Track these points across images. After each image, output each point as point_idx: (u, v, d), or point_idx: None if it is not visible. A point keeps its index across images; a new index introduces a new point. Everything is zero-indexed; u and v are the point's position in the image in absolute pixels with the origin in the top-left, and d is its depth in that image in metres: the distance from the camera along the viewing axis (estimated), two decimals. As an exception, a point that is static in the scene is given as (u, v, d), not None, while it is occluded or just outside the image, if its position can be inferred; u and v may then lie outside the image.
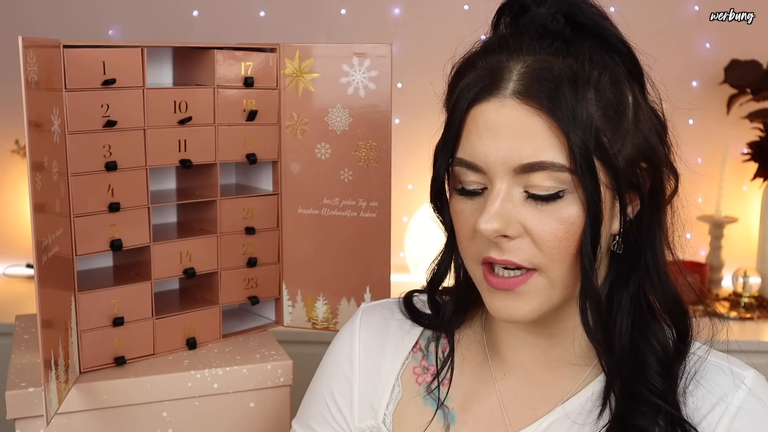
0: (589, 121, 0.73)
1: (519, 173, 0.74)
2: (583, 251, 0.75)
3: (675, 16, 2.22)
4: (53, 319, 0.96)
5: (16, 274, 2.25)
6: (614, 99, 0.75)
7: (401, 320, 0.93)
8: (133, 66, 1.08)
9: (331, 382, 0.93)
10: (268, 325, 1.29)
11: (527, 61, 0.75)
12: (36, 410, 1.02)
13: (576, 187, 0.73)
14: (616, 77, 0.77)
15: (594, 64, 0.75)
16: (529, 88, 0.73)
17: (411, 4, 2.24)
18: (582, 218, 0.74)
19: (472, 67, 0.78)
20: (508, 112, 0.73)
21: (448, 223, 0.83)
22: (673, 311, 0.81)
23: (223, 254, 1.20)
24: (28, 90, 0.87)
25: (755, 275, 2.14)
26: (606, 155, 0.74)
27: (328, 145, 1.21)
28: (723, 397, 0.78)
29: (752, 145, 2.19)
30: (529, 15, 0.78)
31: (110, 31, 2.22)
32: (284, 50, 1.21)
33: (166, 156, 1.13)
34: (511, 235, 0.75)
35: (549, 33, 0.77)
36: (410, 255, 2.22)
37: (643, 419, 0.77)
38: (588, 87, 0.74)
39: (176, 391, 1.10)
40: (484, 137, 0.74)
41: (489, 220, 0.74)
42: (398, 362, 0.91)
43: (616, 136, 0.75)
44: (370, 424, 0.90)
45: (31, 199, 0.88)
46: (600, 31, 0.78)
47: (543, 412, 0.83)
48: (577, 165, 0.72)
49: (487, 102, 0.75)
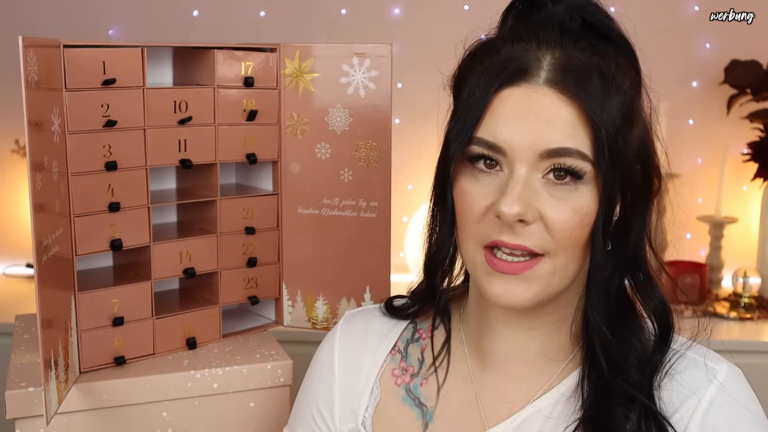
0: (614, 117, 0.74)
1: (543, 159, 0.75)
2: (594, 240, 0.76)
3: (675, 16, 2.22)
4: (53, 319, 0.96)
5: (16, 273, 2.25)
6: (630, 103, 0.77)
7: (380, 324, 0.94)
8: (133, 66, 1.08)
9: (315, 390, 0.95)
10: (268, 325, 1.29)
11: (556, 53, 0.77)
12: (36, 410, 1.02)
13: (595, 178, 0.75)
14: (633, 82, 0.79)
15: (619, 67, 0.77)
16: (564, 77, 0.75)
17: (411, 4, 2.24)
18: (595, 210, 0.76)
19: (495, 51, 0.79)
20: (540, 99, 0.75)
21: (451, 205, 0.81)
22: (658, 310, 0.82)
23: (223, 254, 1.20)
24: (28, 90, 0.87)
25: (755, 275, 2.14)
26: (620, 154, 0.75)
27: (328, 145, 1.21)
28: (695, 391, 0.79)
29: (752, 146, 2.19)
30: (545, 11, 0.80)
31: (110, 31, 2.22)
32: (284, 50, 1.21)
33: (166, 156, 1.13)
34: (528, 220, 0.75)
35: (567, 31, 0.78)
36: (410, 255, 2.22)
37: (616, 411, 0.78)
38: (614, 86, 0.76)
39: (176, 391, 1.10)
40: (511, 121, 0.75)
41: (512, 204, 0.74)
42: (377, 365, 0.92)
43: (627, 139, 0.77)
44: (351, 427, 0.91)
45: (31, 199, 0.88)
46: (611, 34, 0.79)
47: (519, 407, 0.84)
48: (600, 156, 0.74)
49: (518, 86, 0.75)
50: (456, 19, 2.14)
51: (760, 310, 2.09)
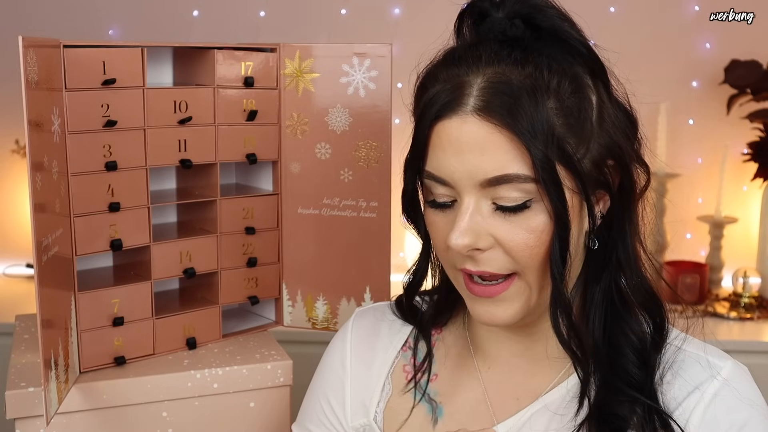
0: (551, 131, 0.74)
1: (485, 187, 0.75)
2: (552, 260, 0.76)
3: (675, 16, 2.22)
4: (53, 319, 0.96)
5: (16, 274, 2.25)
6: (576, 105, 0.76)
7: (392, 321, 0.96)
8: (133, 66, 1.08)
9: (326, 385, 0.95)
10: (268, 325, 1.29)
11: (487, 74, 0.76)
12: (36, 410, 1.02)
13: (542, 197, 0.75)
14: (577, 82, 0.77)
15: (553, 71, 0.76)
16: (489, 103, 0.74)
17: (411, 4, 2.24)
18: (551, 225, 0.76)
19: (435, 79, 0.79)
20: (470, 129, 0.75)
21: (423, 232, 0.85)
22: (648, 304, 0.82)
23: (223, 254, 1.20)
24: (28, 90, 0.87)
25: (755, 275, 2.14)
26: (570, 162, 0.75)
27: (328, 145, 1.21)
28: (698, 386, 0.79)
29: (752, 146, 2.19)
30: (488, 21, 0.79)
31: (110, 31, 2.22)
32: (284, 50, 1.21)
33: (166, 156, 1.13)
34: (483, 248, 0.76)
35: (508, 39, 0.77)
36: (410, 255, 2.22)
37: (621, 408, 0.78)
38: (548, 96, 0.74)
39: (176, 391, 1.10)
40: (449, 153, 0.76)
41: (459, 236, 0.76)
42: (388, 361, 0.93)
43: (579, 141, 0.76)
44: (362, 422, 0.91)
45: (31, 199, 0.89)
46: (559, 34, 0.78)
47: (526, 403, 0.85)
48: (541, 176, 0.73)
49: (449, 119, 0.76)
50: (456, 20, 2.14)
51: (760, 310, 2.09)
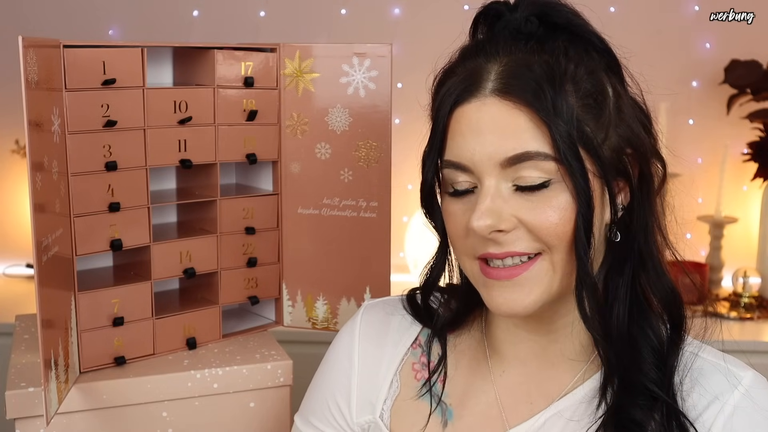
0: (570, 111, 0.74)
1: (506, 167, 0.75)
2: (576, 238, 0.76)
3: (675, 16, 2.22)
4: (53, 319, 0.96)
5: (16, 274, 2.25)
6: (593, 89, 0.77)
7: (402, 316, 0.94)
8: (133, 66, 1.08)
9: (331, 379, 0.94)
10: (268, 325, 1.29)
11: (504, 61, 0.77)
12: (36, 410, 1.02)
13: (563, 176, 0.75)
14: (593, 69, 0.78)
15: (569, 58, 0.77)
16: (508, 84, 0.75)
17: (411, 4, 2.24)
18: (573, 205, 0.75)
19: (452, 74, 0.81)
20: (489, 110, 0.75)
21: (440, 226, 0.84)
22: (668, 299, 0.81)
23: (223, 254, 1.20)
24: (28, 90, 0.87)
25: (755, 275, 2.14)
26: (590, 144, 0.75)
27: (328, 145, 1.21)
28: (719, 396, 0.78)
29: (752, 145, 2.19)
30: (503, 20, 0.80)
31: (110, 31, 2.22)
32: (284, 50, 1.21)
33: (166, 156, 1.13)
34: (506, 229, 0.76)
35: (523, 35, 0.78)
36: (410, 255, 2.22)
37: (638, 412, 0.77)
38: (565, 79, 0.75)
39: (176, 391, 1.10)
40: (468, 137, 0.76)
41: (480, 217, 0.75)
42: (397, 358, 0.91)
43: (598, 126, 0.76)
44: (368, 419, 0.90)
45: (31, 199, 0.88)
46: (574, 28, 0.79)
47: (540, 408, 0.84)
48: (562, 153, 0.73)
49: (468, 103, 0.77)
50: (456, 19, 2.13)
51: (760, 310, 2.09)
